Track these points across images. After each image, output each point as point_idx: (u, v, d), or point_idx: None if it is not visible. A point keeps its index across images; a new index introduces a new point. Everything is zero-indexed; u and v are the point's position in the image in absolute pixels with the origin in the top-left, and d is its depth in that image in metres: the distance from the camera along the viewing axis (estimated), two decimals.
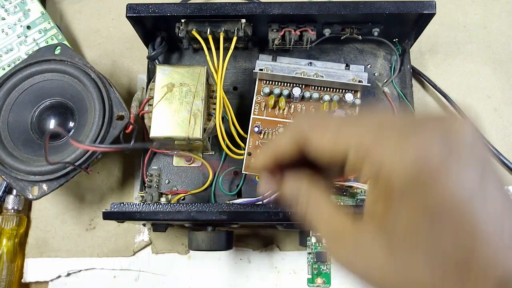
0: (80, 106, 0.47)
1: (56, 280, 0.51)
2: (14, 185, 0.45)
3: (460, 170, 0.18)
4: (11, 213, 0.51)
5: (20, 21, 0.54)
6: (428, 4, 0.44)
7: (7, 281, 0.49)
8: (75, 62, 0.47)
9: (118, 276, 0.51)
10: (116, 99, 0.46)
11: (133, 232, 0.52)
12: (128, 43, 0.57)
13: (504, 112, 0.55)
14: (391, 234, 0.20)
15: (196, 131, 0.43)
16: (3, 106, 0.47)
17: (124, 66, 0.57)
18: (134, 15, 0.45)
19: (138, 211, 0.40)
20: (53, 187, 0.45)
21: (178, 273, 0.51)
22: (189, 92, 0.44)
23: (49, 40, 0.54)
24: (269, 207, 0.40)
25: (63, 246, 0.52)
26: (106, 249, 0.52)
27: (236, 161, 0.50)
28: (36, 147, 0.47)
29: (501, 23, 0.58)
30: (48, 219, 0.52)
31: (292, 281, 0.51)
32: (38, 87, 0.48)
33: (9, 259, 0.50)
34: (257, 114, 0.47)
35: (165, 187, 0.50)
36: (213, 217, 0.40)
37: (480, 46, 0.57)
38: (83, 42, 0.58)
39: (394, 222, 0.20)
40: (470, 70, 0.56)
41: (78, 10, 0.59)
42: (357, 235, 0.22)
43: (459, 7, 0.58)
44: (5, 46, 0.53)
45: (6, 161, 0.45)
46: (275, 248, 0.52)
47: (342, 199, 0.44)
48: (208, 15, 0.45)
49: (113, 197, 0.53)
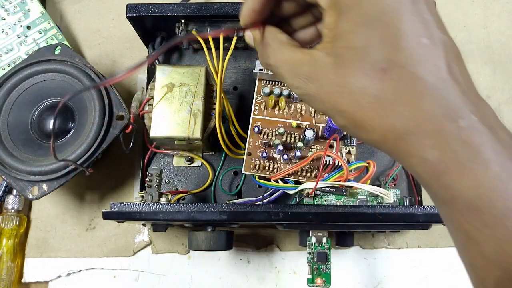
0: (80, 106, 0.47)
1: (56, 280, 0.51)
2: (14, 185, 0.45)
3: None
4: (11, 213, 0.51)
5: (20, 21, 0.54)
6: None
7: (7, 281, 0.49)
8: (75, 62, 0.47)
9: (118, 276, 0.51)
10: (116, 99, 0.46)
11: (133, 232, 0.52)
12: (128, 43, 0.57)
13: (504, 112, 0.55)
14: (338, 49, 0.24)
15: (196, 131, 0.43)
16: (3, 106, 0.47)
17: (124, 66, 0.57)
18: (134, 15, 0.45)
19: (138, 211, 0.40)
20: (53, 187, 0.45)
21: (178, 273, 0.51)
22: (189, 92, 0.44)
23: (49, 40, 0.54)
24: (269, 207, 0.40)
25: (63, 246, 0.52)
26: (106, 249, 0.52)
27: (236, 161, 0.50)
28: (36, 147, 0.47)
29: (501, 23, 0.58)
30: (48, 219, 0.52)
31: (292, 281, 0.51)
32: (38, 87, 0.48)
33: (9, 259, 0.50)
34: (257, 114, 0.47)
35: (165, 187, 0.50)
36: (213, 217, 0.40)
37: (480, 46, 0.57)
38: (83, 42, 0.58)
39: (339, 37, 0.24)
40: (470, 70, 0.56)
41: (78, 10, 0.59)
42: (311, 60, 0.25)
43: (459, 7, 0.58)
44: (5, 46, 0.53)
45: (6, 161, 0.45)
46: (275, 248, 0.52)
47: (342, 199, 0.44)
48: (208, 15, 0.45)
49: (113, 197, 0.53)
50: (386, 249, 0.52)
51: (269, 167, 0.45)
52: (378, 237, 0.52)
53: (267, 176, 0.45)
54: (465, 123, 0.21)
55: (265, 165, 0.46)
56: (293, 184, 0.45)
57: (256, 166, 0.46)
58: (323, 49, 0.25)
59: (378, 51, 0.22)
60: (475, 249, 0.21)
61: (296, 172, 0.45)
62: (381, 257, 0.51)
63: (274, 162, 0.46)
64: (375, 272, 0.51)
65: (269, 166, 0.45)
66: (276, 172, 0.45)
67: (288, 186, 0.45)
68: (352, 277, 0.51)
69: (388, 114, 0.22)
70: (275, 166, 0.46)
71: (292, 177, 0.45)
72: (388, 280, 0.51)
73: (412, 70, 0.21)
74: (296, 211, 0.40)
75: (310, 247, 0.43)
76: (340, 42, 0.24)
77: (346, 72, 0.23)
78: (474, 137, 0.21)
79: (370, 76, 0.22)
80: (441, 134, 0.21)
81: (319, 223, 0.41)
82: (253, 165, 0.46)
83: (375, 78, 0.22)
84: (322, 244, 0.43)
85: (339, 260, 0.51)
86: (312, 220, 0.40)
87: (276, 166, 0.46)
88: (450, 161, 0.21)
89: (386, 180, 0.47)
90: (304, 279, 0.43)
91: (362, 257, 0.52)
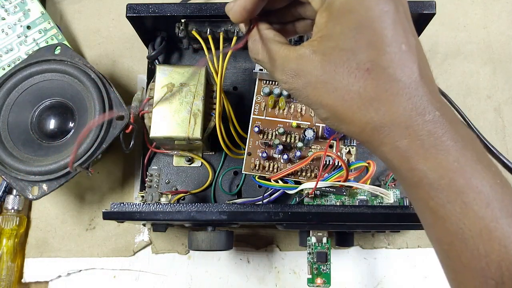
0: (80, 106, 0.47)
1: (56, 280, 0.51)
2: (14, 185, 0.45)
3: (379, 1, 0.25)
4: (11, 213, 0.51)
5: (20, 21, 0.54)
6: (428, 4, 0.44)
7: (7, 281, 0.49)
8: (75, 62, 0.47)
9: (118, 276, 0.51)
10: (116, 99, 0.46)
11: (133, 232, 0.52)
12: (128, 43, 0.57)
13: (504, 112, 0.55)
14: (326, 48, 0.26)
15: (196, 131, 0.43)
16: (3, 106, 0.47)
17: (124, 66, 0.57)
18: (134, 15, 0.45)
19: (138, 211, 0.40)
20: (53, 187, 0.45)
21: (178, 273, 0.51)
22: (189, 92, 0.44)
23: (49, 40, 0.54)
24: (269, 207, 0.40)
25: (63, 246, 0.52)
26: (106, 249, 0.52)
27: (236, 161, 0.50)
28: (36, 147, 0.47)
29: (501, 23, 0.58)
30: (48, 219, 0.52)
31: (292, 281, 0.51)
32: (38, 87, 0.48)
33: (9, 259, 0.50)
34: (257, 114, 0.47)
35: (165, 187, 0.50)
36: (213, 217, 0.40)
37: (480, 46, 0.57)
38: (83, 42, 0.58)
39: (329, 37, 0.26)
40: (470, 70, 0.56)
41: (78, 10, 0.59)
42: (298, 57, 0.27)
43: (459, 7, 0.58)
44: (5, 46, 0.53)
45: (6, 161, 0.45)
46: (275, 248, 0.52)
47: (342, 199, 0.44)
48: (208, 15, 0.45)
49: (113, 197, 0.53)
50: (386, 249, 0.52)
51: (269, 167, 0.45)
52: (378, 237, 0.52)
53: (267, 176, 0.45)
54: (430, 117, 0.24)
55: (265, 165, 0.46)
56: (293, 184, 0.45)
57: (256, 166, 0.46)
58: (310, 46, 0.27)
59: (365, 53, 0.25)
60: (440, 224, 0.24)
61: (296, 172, 0.45)
62: (381, 257, 0.51)
63: (274, 162, 0.46)
64: (375, 272, 0.51)
65: (269, 166, 0.45)
66: (276, 172, 0.45)
67: (288, 186, 0.45)
68: (352, 277, 0.51)
69: (368, 109, 0.25)
70: (275, 166, 0.46)
71: (292, 177, 0.45)
72: (388, 280, 0.51)
73: (392, 72, 0.25)
74: (296, 211, 0.40)
75: (310, 247, 0.43)
76: (329, 42, 0.26)
77: (333, 70, 0.26)
78: (438, 129, 0.24)
79: (355, 75, 0.25)
80: (411, 126, 0.24)
81: (319, 223, 0.41)
82: (253, 165, 0.46)
83: (359, 77, 0.25)
84: (322, 244, 0.43)
85: (339, 260, 0.51)
86: (312, 220, 0.40)
87: (276, 166, 0.46)
88: (417, 148, 0.24)
89: (386, 180, 0.47)
90: (304, 279, 0.43)
91: (362, 257, 0.52)
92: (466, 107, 0.54)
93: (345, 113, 0.26)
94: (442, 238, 0.24)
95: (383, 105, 0.25)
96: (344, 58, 0.25)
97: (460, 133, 0.24)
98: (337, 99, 0.26)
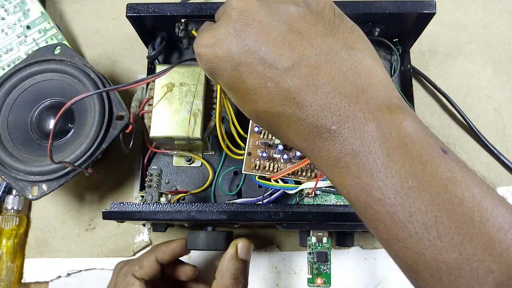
0: (80, 106, 0.47)
1: (56, 280, 0.51)
2: (14, 185, 0.45)
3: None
4: (11, 213, 0.51)
5: (20, 21, 0.54)
6: (428, 4, 0.44)
7: (7, 281, 0.49)
8: (75, 62, 0.47)
9: None
10: (116, 99, 0.46)
11: (133, 232, 0.52)
12: (128, 43, 0.57)
13: (504, 112, 0.55)
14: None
15: (196, 131, 0.43)
16: (3, 106, 0.47)
17: (124, 66, 0.57)
18: (134, 15, 0.45)
19: (138, 211, 0.40)
20: (53, 187, 0.45)
21: None
22: (189, 92, 0.44)
23: (49, 40, 0.54)
24: (269, 207, 0.40)
25: (63, 246, 0.52)
26: (106, 249, 0.52)
27: (236, 161, 0.50)
28: (36, 147, 0.47)
29: (501, 23, 0.58)
30: (48, 219, 0.52)
31: (292, 281, 0.51)
32: (38, 87, 0.48)
33: (9, 259, 0.50)
34: None
35: (165, 187, 0.50)
36: (213, 217, 0.40)
37: (480, 46, 0.57)
38: (83, 42, 0.58)
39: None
40: (470, 70, 0.56)
41: (78, 10, 0.59)
42: None
43: (459, 7, 0.58)
44: (5, 46, 0.53)
45: (6, 161, 0.45)
46: (275, 248, 0.52)
47: (342, 199, 0.44)
48: (208, 15, 0.45)
49: (113, 197, 0.53)
50: None
51: (269, 167, 0.45)
52: None
53: (267, 176, 0.45)
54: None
55: (265, 165, 0.45)
56: (293, 184, 0.45)
57: (256, 166, 0.45)
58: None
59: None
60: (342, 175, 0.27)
61: (296, 172, 0.45)
62: (381, 257, 0.51)
63: (274, 162, 0.46)
64: (375, 272, 0.51)
65: (269, 166, 0.45)
66: (276, 172, 0.45)
67: (288, 186, 0.45)
68: (352, 277, 0.51)
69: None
70: (275, 166, 0.45)
71: (292, 177, 0.45)
72: (388, 280, 0.51)
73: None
74: (296, 211, 0.40)
75: (310, 247, 0.43)
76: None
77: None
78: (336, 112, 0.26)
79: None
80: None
81: (319, 223, 0.41)
82: (253, 165, 0.46)
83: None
84: (322, 244, 0.43)
85: (339, 260, 0.51)
86: (312, 220, 0.40)
87: (276, 166, 0.45)
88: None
89: None
90: (304, 279, 0.43)
91: (362, 257, 0.52)
92: (466, 107, 0.54)
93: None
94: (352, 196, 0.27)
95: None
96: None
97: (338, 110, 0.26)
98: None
